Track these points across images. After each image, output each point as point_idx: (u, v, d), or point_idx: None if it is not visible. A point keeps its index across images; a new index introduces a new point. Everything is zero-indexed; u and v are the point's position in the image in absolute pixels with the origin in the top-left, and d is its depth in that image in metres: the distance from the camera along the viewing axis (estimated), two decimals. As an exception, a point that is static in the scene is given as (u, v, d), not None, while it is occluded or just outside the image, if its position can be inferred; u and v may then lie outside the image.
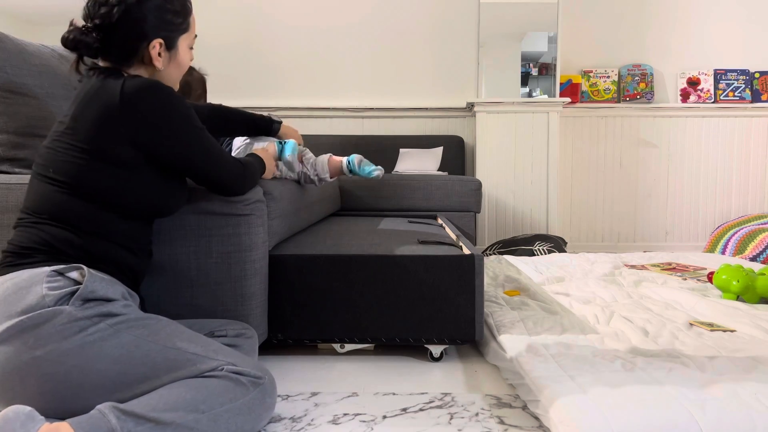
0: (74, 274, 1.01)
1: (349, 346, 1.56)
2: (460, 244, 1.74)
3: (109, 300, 1.02)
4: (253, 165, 1.37)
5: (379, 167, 1.80)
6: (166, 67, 1.16)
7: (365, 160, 1.80)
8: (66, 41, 1.08)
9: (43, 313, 0.95)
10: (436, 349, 1.54)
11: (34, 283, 0.98)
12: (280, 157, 1.66)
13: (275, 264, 1.49)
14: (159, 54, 1.13)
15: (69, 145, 1.05)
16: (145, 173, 1.10)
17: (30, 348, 0.94)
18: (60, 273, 1.00)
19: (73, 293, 0.98)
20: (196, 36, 1.23)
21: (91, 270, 1.02)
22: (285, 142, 1.65)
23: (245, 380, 1.01)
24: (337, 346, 1.56)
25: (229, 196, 1.29)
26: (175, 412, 0.92)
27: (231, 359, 1.04)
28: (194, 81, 1.80)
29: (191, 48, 1.22)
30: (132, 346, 0.99)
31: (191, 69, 1.85)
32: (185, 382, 0.98)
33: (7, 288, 0.98)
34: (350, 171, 1.80)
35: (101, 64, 1.13)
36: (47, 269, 1.00)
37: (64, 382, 0.95)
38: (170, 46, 1.15)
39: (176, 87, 1.23)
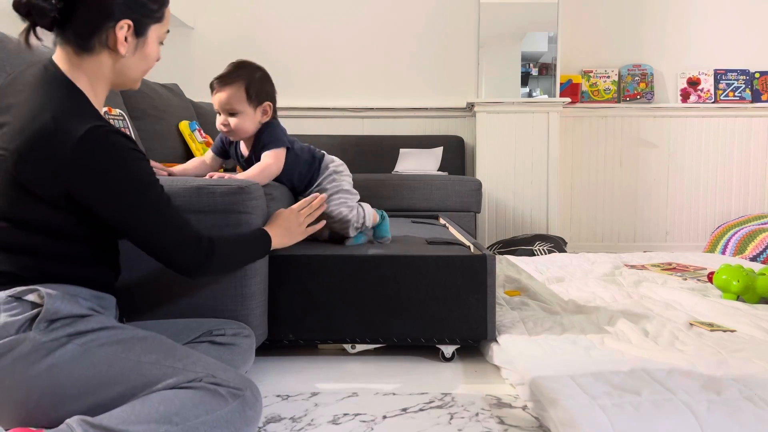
0: (32, 297, 0.94)
1: (360, 347, 1.56)
2: (469, 244, 1.74)
3: (77, 317, 0.96)
4: (242, 244, 1.21)
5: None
6: (131, 55, 1.03)
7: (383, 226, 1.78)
8: (18, 4, 0.93)
9: (5, 343, 0.90)
10: (447, 349, 1.54)
11: None
12: (378, 233, 1.73)
13: (286, 264, 1.49)
14: (126, 39, 1.00)
15: (8, 183, 0.94)
16: (73, 215, 0.98)
17: None
18: (17, 297, 0.94)
19: (35, 317, 0.92)
20: (168, 32, 1.10)
21: (49, 290, 0.95)
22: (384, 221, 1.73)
23: (224, 391, 0.95)
24: (348, 347, 1.57)
25: (181, 273, 1.08)
26: (147, 424, 0.88)
27: (210, 370, 0.98)
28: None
29: (161, 43, 1.09)
30: (104, 365, 0.94)
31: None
32: (160, 393, 0.93)
33: None
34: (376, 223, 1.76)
35: (55, 48, 1.00)
36: (2, 295, 0.94)
37: (38, 408, 0.92)
38: (140, 32, 1.02)
39: (137, 83, 1.10)
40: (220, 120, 1.62)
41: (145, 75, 1.10)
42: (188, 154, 2.43)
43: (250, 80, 1.59)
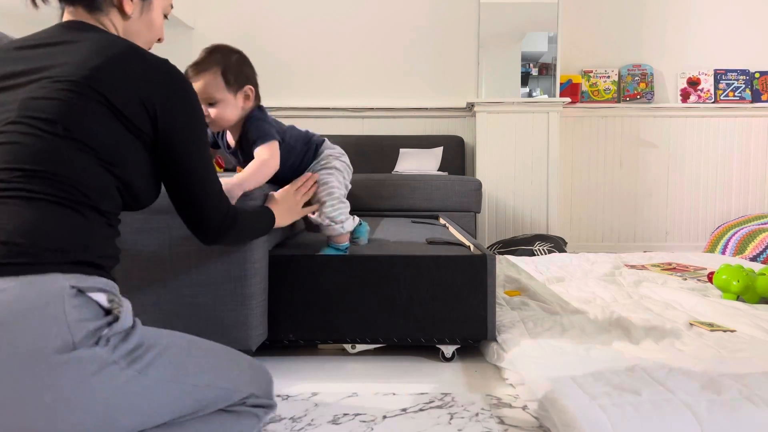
0: (100, 298, 0.76)
1: (360, 347, 1.56)
2: (469, 244, 1.74)
3: (130, 327, 0.80)
4: (254, 219, 1.24)
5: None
6: (137, 18, 1.02)
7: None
8: None
9: (68, 358, 0.69)
10: (447, 349, 1.54)
11: (48, 303, 0.70)
12: (355, 236, 1.67)
13: (286, 264, 1.49)
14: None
15: (85, 97, 0.83)
16: (144, 151, 0.93)
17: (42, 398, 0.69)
18: (80, 291, 0.74)
19: (103, 327, 0.74)
20: (172, 7, 1.12)
21: (117, 291, 0.81)
22: (362, 226, 1.69)
23: (260, 412, 0.94)
24: (348, 347, 1.57)
25: (201, 232, 1.05)
26: None
27: (254, 387, 0.93)
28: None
29: (165, 17, 1.10)
30: (161, 395, 0.80)
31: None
32: (205, 421, 0.87)
33: (8, 307, 0.68)
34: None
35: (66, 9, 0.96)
36: (65, 284, 0.72)
37: None
38: None
39: None
40: None
41: (150, 47, 1.07)
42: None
43: (226, 64, 1.46)
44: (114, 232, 0.89)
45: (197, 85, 1.43)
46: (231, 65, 1.46)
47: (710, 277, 2.18)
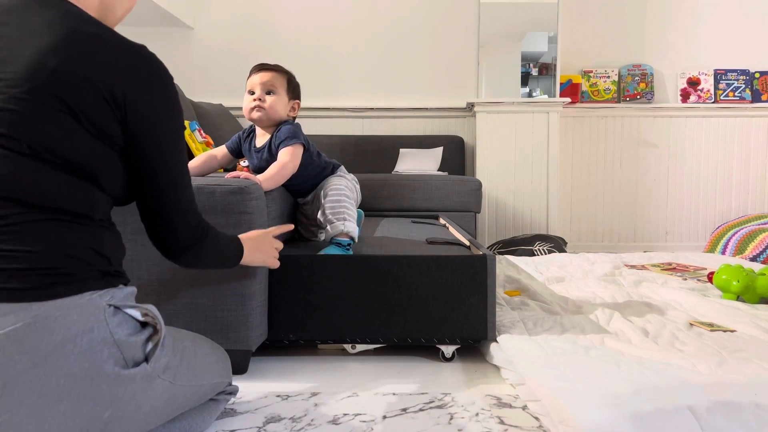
0: (135, 313, 0.80)
1: (360, 347, 1.56)
2: (469, 244, 1.74)
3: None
4: (223, 240, 1.05)
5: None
6: None
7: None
8: None
9: (123, 377, 0.76)
10: (447, 349, 1.54)
11: (93, 327, 0.74)
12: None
13: (286, 264, 1.49)
14: None
15: (47, 107, 0.76)
16: (119, 161, 0.85)
17: (100, 411, 0.75)
18: (117, 308, 0.78)
19: (144, 342, 0.80)
20: None
21: (148, 305, 0.83)
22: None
23: (227, 396, 1.06)
24: (348, 347, 1.57)
25: (165, 246, 0.94)
26: None
27: (226, 375, 1.05)
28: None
29: None
30: (181, 396, 0.89)
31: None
32: (196, 408, 1.00)
33: (58, 333, 0.71)
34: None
35: None
36: (102, 303, 0.76)
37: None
38: None
39: (116, 24, 0.96)
40: (254, 96, 1.64)
41: (126, 16, 0.98)
42: (188, 155, 2.43)
43: (291, 76, 1.72)
44: (113, 230, 0.88)
45: (266, 75, 1.65)
46: (294, 81, 1.73)
47: (710, 277, 2.18)
